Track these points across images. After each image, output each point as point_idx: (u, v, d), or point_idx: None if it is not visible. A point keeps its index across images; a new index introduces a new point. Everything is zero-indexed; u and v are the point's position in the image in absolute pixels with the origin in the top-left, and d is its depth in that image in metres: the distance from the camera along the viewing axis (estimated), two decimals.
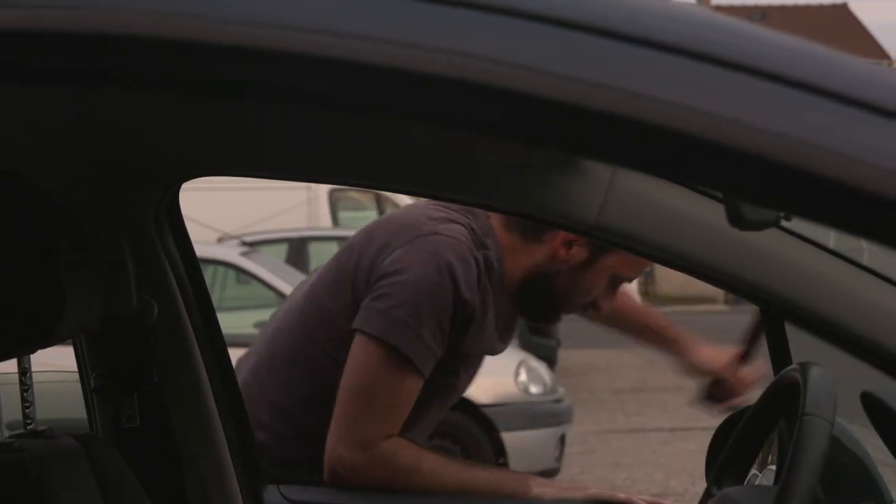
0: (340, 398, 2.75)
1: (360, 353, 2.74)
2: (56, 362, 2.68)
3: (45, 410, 2.37)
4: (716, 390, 3.30)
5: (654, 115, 1.14)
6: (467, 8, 1.18)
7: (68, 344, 2.41)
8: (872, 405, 2.05)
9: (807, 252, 2.02)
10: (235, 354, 2.68)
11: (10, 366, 2.19)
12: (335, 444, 2.75)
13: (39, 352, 1.94)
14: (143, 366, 2.46)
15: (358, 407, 2.75)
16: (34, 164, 2.20)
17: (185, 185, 2.49)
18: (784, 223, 1.86)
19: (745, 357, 3.24)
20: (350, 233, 15.51)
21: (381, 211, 15.02)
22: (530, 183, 2.24)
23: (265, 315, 10.29)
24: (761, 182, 1.15)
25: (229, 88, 1.27)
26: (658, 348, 3.39)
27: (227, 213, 13.03)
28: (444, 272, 2.71)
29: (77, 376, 2.53)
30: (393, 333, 2.71)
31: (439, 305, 2.71)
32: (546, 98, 1.15)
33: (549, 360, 13.48)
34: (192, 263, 2.54)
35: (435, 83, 1.16)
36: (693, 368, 3.30)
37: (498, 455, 9.21)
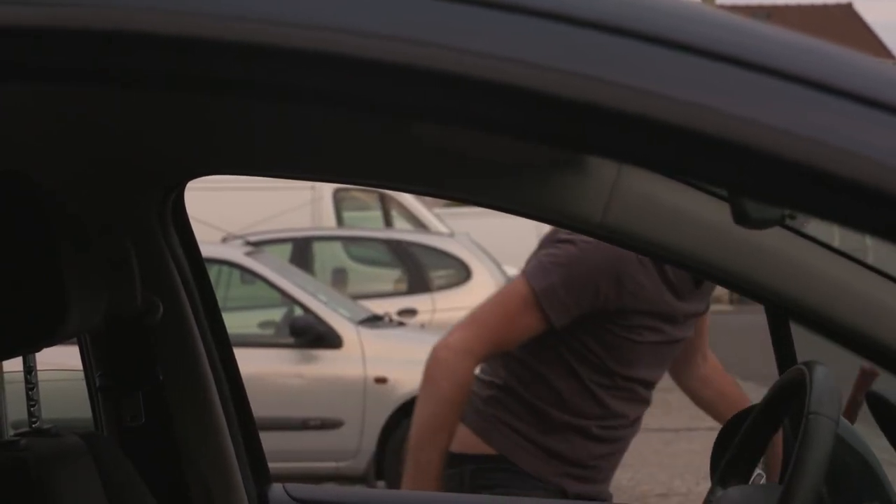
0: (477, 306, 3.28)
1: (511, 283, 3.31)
2: (61, 361, 2.68)
3: (50, 409, 2.38)
4: None
5: (664, 113, 1.14)
6: (474, 5, 1.18)
7: (73, 343, 2.41)
8: (877, 404, 2.05)
9: (811, 251, 2.02)
10: (240, 354, 2.68)
11: (16, 364, 2.19)
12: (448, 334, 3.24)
13: (45, 350, 1.94)
14: (147, 365, 2.47)
15: (477, 315, 3.24)
16: (36, 163, 2.21)
17: (188, 185, 2.49)
18: (788, 222, 1.86)
19: None
20: (354, 232, 15.42)
21: (385, 211, 15.01)
22: (535, 183, 2.23)
23: (269, 315, 10.31)
24: (771, 180, 1.15)
25: (232, 87, 1.27)
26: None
27: (231, 213, 13.03)
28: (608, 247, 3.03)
29: (82, 375, 2.53)
30: (533, 274, 3.18)
31: (595, 271, 3.13)
32: (556, 96, 1.15)
33: None
34: (197, 263, 2.54)
35: (443, 81, 1.16)
36: None
37: None
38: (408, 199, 14.74)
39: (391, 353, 9.45)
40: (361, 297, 11.71)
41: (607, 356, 3.28)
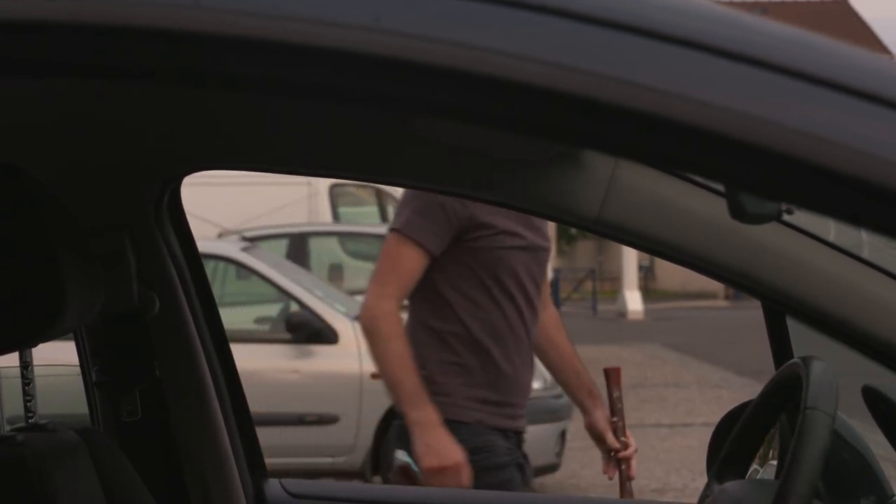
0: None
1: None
2: (58, 357, 2.68)
3: (47, 405, 2.38)
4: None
5: (669, 110, 1.14)
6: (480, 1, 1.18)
7: (70, 338, 2.41)
8: (874, 399, 2.05)
9: (808, 246, 2.02)
10: (236, 350, 2.68)
11: (12, 359, 2.19)
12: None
13: (41, 346, 1.94)
14: (143, 360, 2.47)
15: (372, 277, 3.83)
16: (34, 158, 2.21)
17: (185, 180, 2.49)
18: (785, 217, 1.86)
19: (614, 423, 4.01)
20: (350, 228, 15.34)
21: (381, 206, 15.00)
22: (532, 178, 2.23)
23: (265, 310, 10.30)
24: (778, 177, 1.15)
25: (229, 81, 1.27)
26: (572, 392, 4.14)
27: (227, 208, 13.03)
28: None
29: (78, 370, 2.53)
30: (393, 222, 3.80)
31: (434, 195, 3.65)
32: (555, 91, 1.15)
33: None
34: (193, 258, 2.54)
35: (444, 76, 1.16)
36: (593, 428, 4.13)
37: None
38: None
39: None
40: (358, 292, 11.69)
41: (489, 271, 3.76)
